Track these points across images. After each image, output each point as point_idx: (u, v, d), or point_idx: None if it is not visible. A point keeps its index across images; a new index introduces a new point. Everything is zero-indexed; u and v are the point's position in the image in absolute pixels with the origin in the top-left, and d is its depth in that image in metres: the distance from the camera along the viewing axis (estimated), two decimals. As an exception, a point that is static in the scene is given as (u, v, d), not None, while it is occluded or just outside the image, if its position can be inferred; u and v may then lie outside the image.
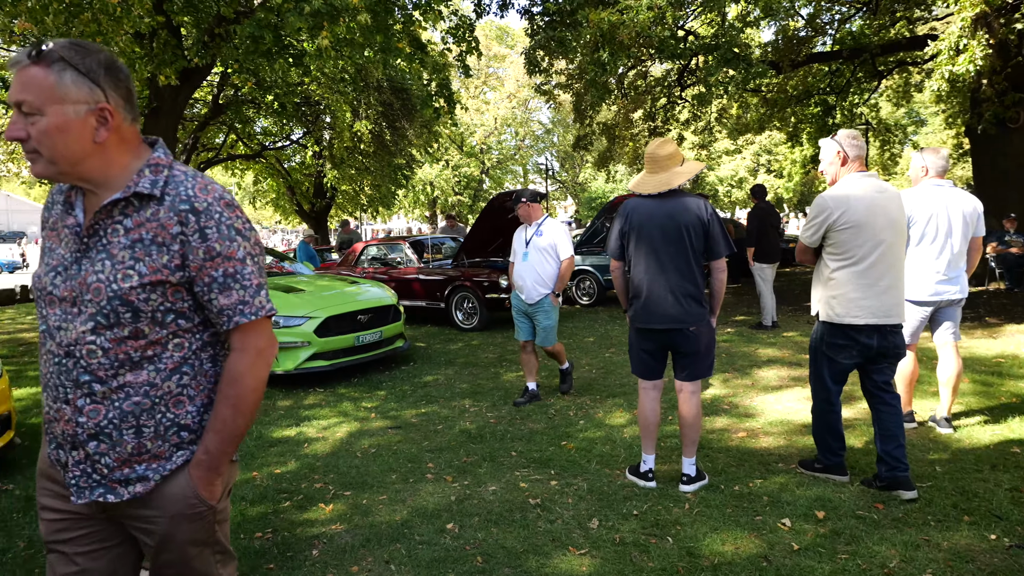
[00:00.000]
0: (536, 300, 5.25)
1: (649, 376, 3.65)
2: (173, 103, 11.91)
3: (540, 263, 5.22)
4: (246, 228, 1.46)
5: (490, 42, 43.50)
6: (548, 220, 5.33)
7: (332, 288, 6.89)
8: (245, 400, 1.47)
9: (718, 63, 9.98)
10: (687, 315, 3.46)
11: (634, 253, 3.52)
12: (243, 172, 22.82)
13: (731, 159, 43.54)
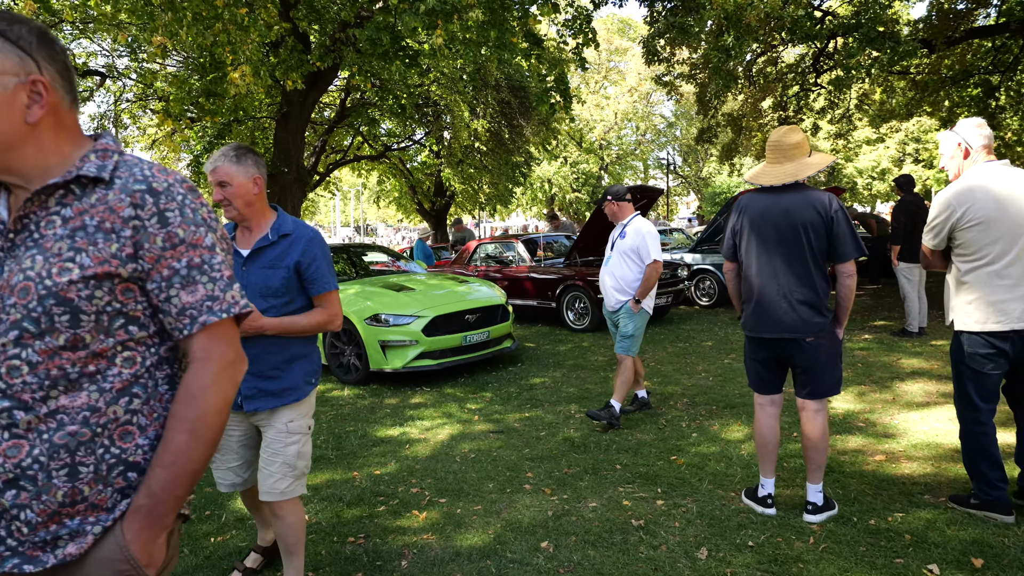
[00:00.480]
0: (615, 308, 4.81)
1: (765, 390, 3.31)
2: (301, 107, 12.53)
3: (621, 267, 4.75)
4: (211, 219, 1.19)
5: (611, 35, 42.86)
6: (635, 220, 4.82)
7: (442, 287, 6.90)
8: (206, 424, 1.14)
9: (860, 44, 9.10)
10: (802, 324, 3.08)
11: (746, 253, 3.21)
12: (368, 173, 23.77)
13: (872, 149, 40.31)
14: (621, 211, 4.86)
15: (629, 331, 4.71)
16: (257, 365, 2.43)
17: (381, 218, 66.67)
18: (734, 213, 3.30)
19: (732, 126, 18.71)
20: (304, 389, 2.54)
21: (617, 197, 4.87)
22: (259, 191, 2.44)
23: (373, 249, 8.86)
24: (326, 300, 2.54)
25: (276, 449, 2.50)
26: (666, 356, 7.03)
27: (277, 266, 2.45)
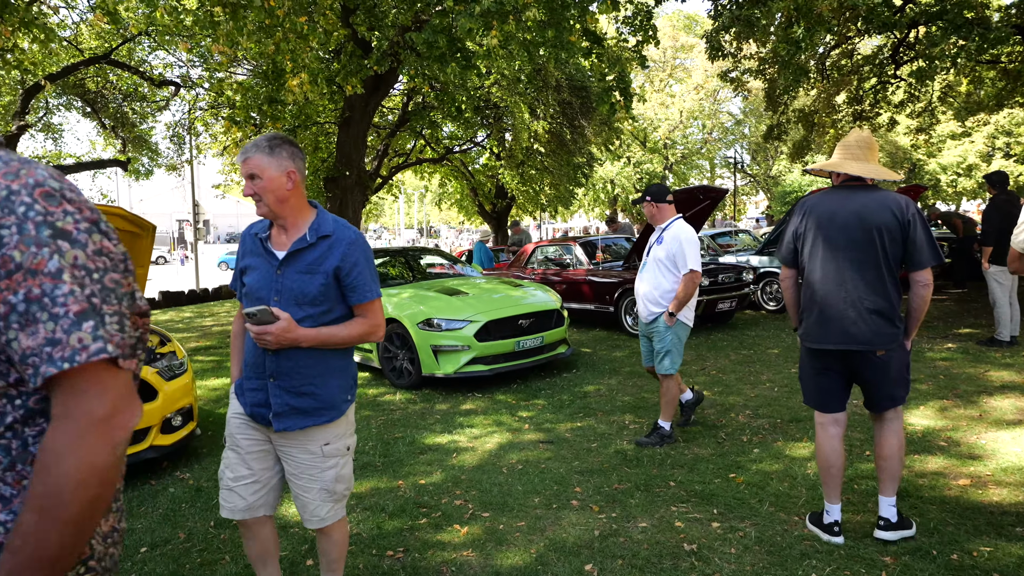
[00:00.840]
0: (649, 320, 4.46)
1: (826, 408, 3.05)
2: (363, 112, 12.70)
3: (655, 276, 4.39)
4: (79, 229, 0.94)
5: (676, 32, 42.02)
6: (674, 224, 4.40)
7: (496, 292, 6.80)
8: (61, 501, 0.89)
9: (945, 32, 8.51)
10: (872, 335, 2.84)
11: (809, 258, 2.98)
12: (430, 175, 24.00)
13: (957, 143, 38.11)
14: (660, 214, 4.46)
15: (665, 345, 4.36)
16: (290, 379, 2.23)
17: (444, 220, 67.48)
18: (796, 215, 3.05)
19: (803, 122, 17.96)
20: (341, 407, 2.32)
21: (656, 198, 4.45)
22: (294, 186, 2.20)
23: (430, 252, 8.86)
24: (368, 310, 2.30)
25: (312, 475, 2.30)
26: (728, 364, 6.72)
27: (315, 271, 2.21)
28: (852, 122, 17.90)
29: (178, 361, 4.55)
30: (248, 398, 2.31)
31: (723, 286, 8.57)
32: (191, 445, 4.70)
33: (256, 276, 2.26)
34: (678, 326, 4.39)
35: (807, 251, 2.98)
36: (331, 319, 2.26)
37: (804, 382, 3.12)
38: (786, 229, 3.11)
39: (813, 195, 3.04)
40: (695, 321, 4.73)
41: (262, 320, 2.10)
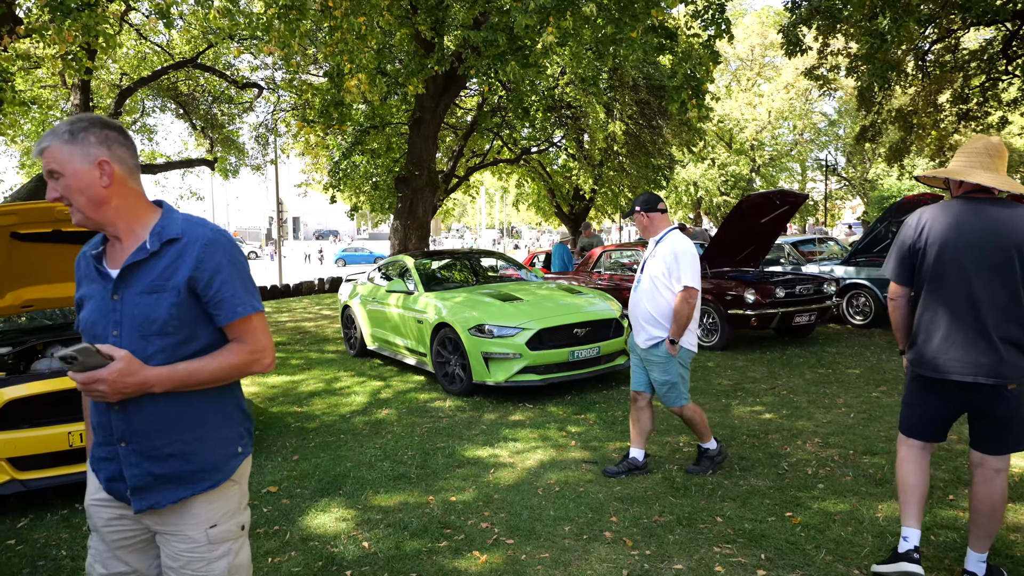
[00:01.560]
0: (648, 345, 3.93)
1: (923, 436, 2.80)
2: (433, 113, 12.73)
3: (652, 294, 3.90)
4: None
5: (765, 29, 40.36)
6: (668, 236, 3.92)
7: (551, 298, 6.56)
8: None
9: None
10: (1006, 367, 2.54)
11: (930, 277, 2.66)
12: (508, 176, 23.97)
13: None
14: (653, 225, 4.00)
15: (669, 377, 3.88)
16: (147, 440, 1.65)
17: (525, 221, 67.59)
18: (912, 227, 2.73)
19: (901, 123, 16.75)
20: (226, 467, 1.72)
21: (647, 207, 3.99)
22: (112, 182, 1.62)
23: (491, 255, 8.71)
24: (243, 331, 1.69)
25: (196, 570, 1.69)
26: (802, 384, 6.23)
27: (162, 288, 1.62)
28: (956, 122, 16.58)
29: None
30: (101, 471, 1.72)
31: (801, 298, 8.00)
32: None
33: (91, 308, 1.69)
34: (682, 354, 3.92)
35: (927, 269, 2.66)
36: (193, 350, 1.66)
37: (908, 409, 2.84)
38: (895, 242, 2.80)
39: (931, 207, 2.72)
40: (773, 335, 4.33)
41: (86, 365, 1.51)
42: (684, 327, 3.82)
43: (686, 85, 7.36)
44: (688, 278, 3.78)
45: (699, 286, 3.81)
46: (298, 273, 28.65)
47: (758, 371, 6.79)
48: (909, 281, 2.75)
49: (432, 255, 8.27)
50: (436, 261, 8.08)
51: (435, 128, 13.07)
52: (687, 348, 3.93)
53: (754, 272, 8.80)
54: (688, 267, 3.80)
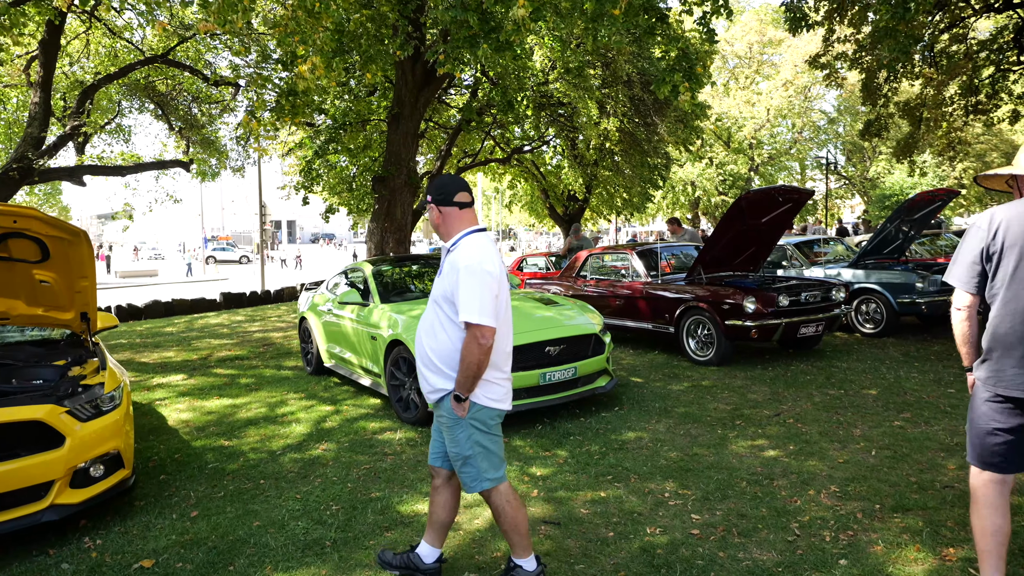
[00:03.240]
0: (430, 401, 2.78)
1: (1003, 467, 2.51)
2: (413, 108, 11.89)
3: (429, 327, 2.77)
4: None
5: (764, 26, 39.64)
6: (463, 242, 2.69)
7: (521, 311, 5.71)
8: None
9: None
10: None
11: (1007, 285, 2.46)
12: (500, 176, 23.21)
13: (1089, 142, 34.05)
14: (444, 224, 2.75)
15: (460, 449, 2.69)
16: None
17: (522, 222, 66.79)
18: (984, 229, 2.51)
19: (908, 117, 15.93)
20: None
21: (440, 198, 2.73)
22: None
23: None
24: None
25: None
26: (810, 409, 5.38)
27: None
28: (964, 116, 15.78)
29: (106, 395, 3.72)
30: None
31: (807, 306, 7.15)
32: (117, 500, 3.86)
33: None
34: (480, 415, 2.67)
35: (1001, 277, 2.46)
36: None
37: (981, 436, 2.55)
38: (963, 246, 2.57)
39: (1004, 207, 2.51)
40: (776, 347, 3.45)
41: None
42: (474, 378, 2.58)
43: (678, 66, 6.52)
44: (472, 311, 2.51)
45: (493, 322, 2.54)
46: (283, 278, 27.82)
47: (759, 392, 5.95)
48: (980, 289, 2.54)
49: (396, 261, 7.43)
50: (400, 268, 7.24)
51: (415, 125, 12.24)
52: (485, 406, 2.68)
53: (754, 277, 7.95)
54: (473, 294, 2.53)
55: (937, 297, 8.27)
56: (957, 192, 9.19)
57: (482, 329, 2.52)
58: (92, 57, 14.64)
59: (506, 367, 2.80)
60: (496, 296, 2.59)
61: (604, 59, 16.85)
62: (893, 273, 8.57)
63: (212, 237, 61.23)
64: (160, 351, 9.36)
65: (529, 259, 16.75)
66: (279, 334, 10.82)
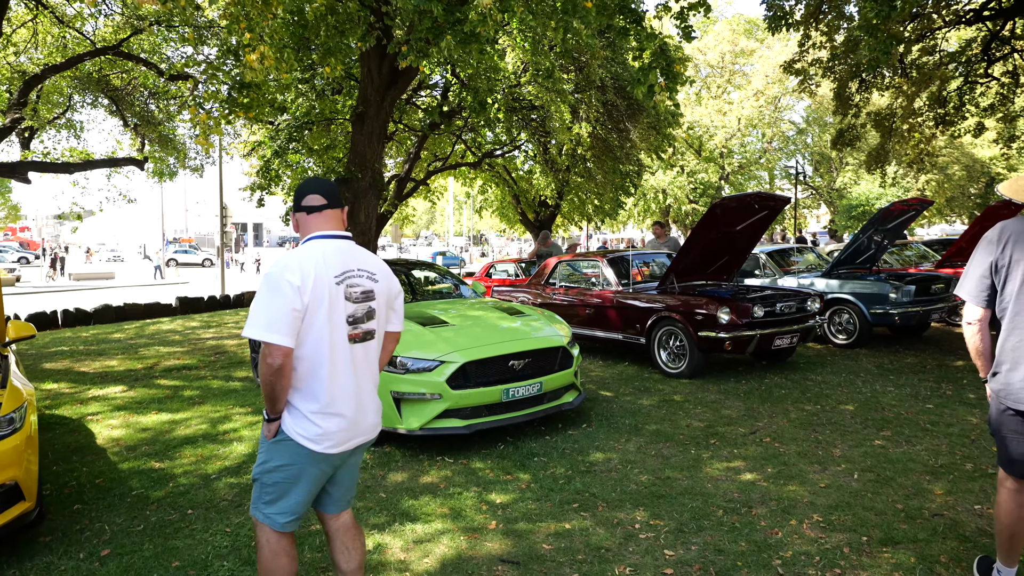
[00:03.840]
0: None
1: None
2: (379, 108, 11.49)
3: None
4: None
5: (736, 36, 39.99)
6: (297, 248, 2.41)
7: (484, 322, 5.35)
8: None
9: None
10: None
11: (1015, 298, 2.48)
12: (472, 181, 22.87)
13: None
14: (300, 229, 2.47)
15: (257, 468, 2.38)
16: None
17: (494, 228, 66.49)
18: (994, 242, 2.54)
19: (879, 128, 15.96)
20: None
21: (294, 204, 2.48)
22: None
23: (423, 267, 7.46)
24: None
25: None
26: (787, 427, 5.10)
27: None
28: (934, 127, 15.88)
29: (3, 417, 3.26)
30: None
31: (782, 317, 6.91)
32: (16, 536, 3.39)
33: None
34: (283, 451, 2.31)
35: (1013, 289, 2.48)
36: None
37: (1004, 442, 2.59)
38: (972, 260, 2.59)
39: (1013, 219, 2.51)
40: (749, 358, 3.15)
41: None
42: (269, 399, 2.26)
43: (656, 63, 6.24)
44: (254, 324, 2.18)
45: (282, 339, 2.16)
46: (245, 283, 27.11)
47: (734, 407, 5.67)
48: (990, 302, 2.56)
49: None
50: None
51: (381, 125, 11.81)
52: (290, 439, 2.29)
53: (728, 287, 7.70)
54: (260, 305, 2.20)
55: (910, 308, 8.13)
56: (931, 202, 9.10)
57: (269, 347, 2.17)
58: (40, 47, 13.94)
59: (328, 400, 2.27)
60: (295, 310, 2.18)
61: (577, 63, 16.65)
62: (866, 283, 8.40)
63: (174, 239, 59.78)
64: (103, 359, 8.79)
65: (498, 265, 16.40)
66: (233, 342, 10.30)
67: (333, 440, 2.30)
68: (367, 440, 2.46)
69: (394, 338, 2.62)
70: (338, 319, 2.29)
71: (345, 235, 2.41)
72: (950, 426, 4.94)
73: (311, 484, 2.34)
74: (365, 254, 2.44)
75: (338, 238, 2.39)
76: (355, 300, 2.35)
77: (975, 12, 13.36)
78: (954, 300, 9.18)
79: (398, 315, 2.59)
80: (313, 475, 2.33)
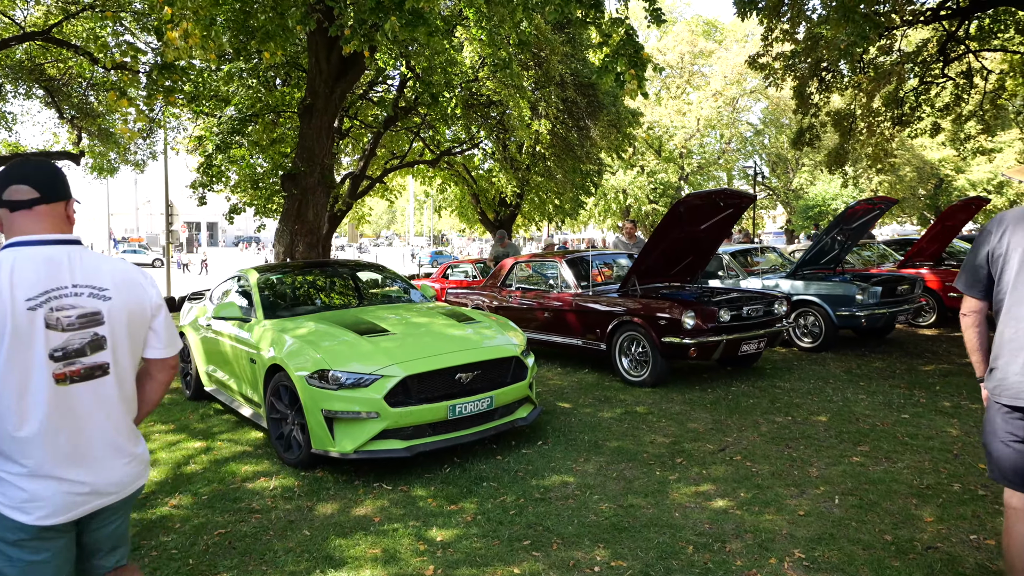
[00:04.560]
0: None
1: None
2: (328, 100, 10.88)
3: None
4: None
5: (696, 37, 40.19)
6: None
7: (429, 330, 4.85)
8: None
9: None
10: None
11: (1012, 289, 2.31)
12: (431, 179, 22.29)
13: (989, 159, 36.07)
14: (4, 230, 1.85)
15: None
16: None
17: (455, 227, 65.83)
18: (989, 233, 2.38)
19: (838, 127, 15.92)
20: None
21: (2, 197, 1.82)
22: None
23: (370, 268, 6.92)
24: None
25: None
26: (759, 442, 4.73)
27: None
28: (891, 127, 15.92)
29: None
30: None
31: (749, 321, 6.56)
32: None
33: None
34: None
35: (1009, 280, 2.33)
36: None
37: (999, 450, 2.37)
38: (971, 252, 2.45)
39: (1013, 209, 2.40)
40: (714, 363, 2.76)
41: None
42: None
43: (623, 51, 5.82)
44: None
45: None
46: (193, 284, 26.06)
47: (700, 420, 5.28)
48: (987, 294, 2.44)
49: (294, 268, 6.44)
50: (297, 276, 6.26)
51: (330, 118, 11.21)
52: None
53: (692, 288, 7.34)
54: None
55: (876, 310, 7.90)
56: (895, 201, 8.92)
57: None
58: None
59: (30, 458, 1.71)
60: None
61: (537, 59, 16.26)
62: (832, 284, 8.15)
63: (123, 239, 57.67)
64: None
65: (456, 266, 15.88)
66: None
67: (49, 508, 1.71)
68: (115, 501, 1.86)
69: (164, 366, 2.00)
70: (33, 356, 1.70)
71: (65, 239, 1.81)
72: (929, 439, 4.63)
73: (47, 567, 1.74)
74: (95, 263, 1.84)
75: (52, 243, 1.79)
76: (65, 328, 1.74)
77: (932, 11, 13.36)
78: (919, 301, 9.02)
79: (160, 336, 1.96)
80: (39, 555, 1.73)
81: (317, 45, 10.37)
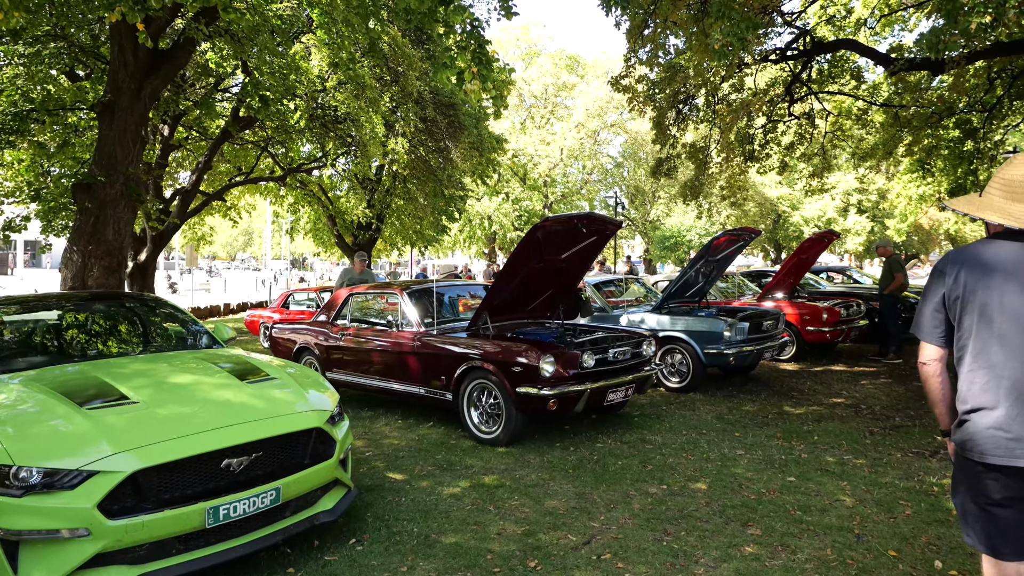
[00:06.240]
0: None
1: (1013, 553, 2.01)
2: (135, 98, 9.11)
3: None
4: None
5: (559, 70, 40.95)
6: None
7: (190, 392, 3.50)
8: None
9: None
10: None
11: (975, 334, 2.08)
12: (281, 198, 20.37)
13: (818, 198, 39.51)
14: None
15: None
16: None
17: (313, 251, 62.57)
18: (942, 274, 2.17)
19: (694, 159, 16.10)
20: None
21: None
22: None
23: (127, 300, 5.33)
24: None
25: None
26: (631, 526, 3.78)
27: None
28: (744, 162, 16.35)
29: None
30: None
31: (615, 365, 5.72)
32: None
33: None
34: None
35: (969, 324, 2.10)
36: None
37: (967, 514, 2.12)
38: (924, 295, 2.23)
39: (968, 248, 2.17)
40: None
41: None
42: None
43: (465, 44, 4.84)
44: None
45: None
46: None
47: (561, 494, 4.28)
48: (947, 340, 2.18)
49: (15, 302, 4.78)
50: (17, 313, 4.62)
51: (137, 119, 9.37)
52: None
53: (551, 329, 6.41)
54: None
55: (744, 347, 7.42)
56: (758, 232, 8.62)
57: None
58: None
59: None
60: None
61: (393, 74, 15.21)
62: (700, 320, 7.60)
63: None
64: None
65: (296, 295, 14.25)
66: None
67: None
68: None
69: None
70: None
71: None
72: (824, 511, 3.90)
73: None
74: None
75: None
76: None
77: (780, 52, 13.76)
78: (783, 336, 8.74)
79: None
80: None
81: (121, 31, 8.67)
